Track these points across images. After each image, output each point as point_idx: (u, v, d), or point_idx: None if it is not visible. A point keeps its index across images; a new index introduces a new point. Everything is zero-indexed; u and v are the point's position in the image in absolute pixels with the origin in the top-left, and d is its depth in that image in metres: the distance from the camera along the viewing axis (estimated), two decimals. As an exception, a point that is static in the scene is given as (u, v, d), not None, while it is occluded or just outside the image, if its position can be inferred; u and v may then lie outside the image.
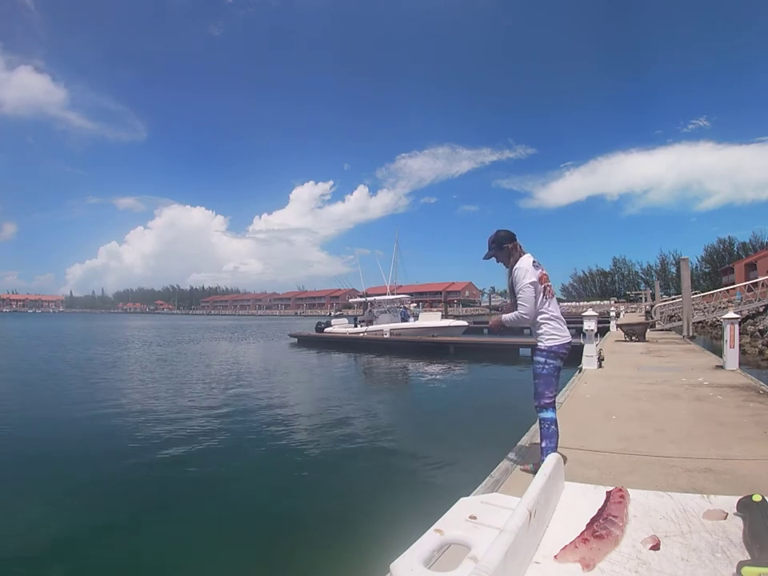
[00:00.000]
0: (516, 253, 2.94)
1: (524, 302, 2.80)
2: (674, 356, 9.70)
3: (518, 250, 2.95)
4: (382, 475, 5.10)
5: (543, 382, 2.86)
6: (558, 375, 2.92)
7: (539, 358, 2.88)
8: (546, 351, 2.85)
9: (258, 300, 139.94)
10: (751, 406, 4.69)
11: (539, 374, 2.87)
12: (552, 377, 2.87)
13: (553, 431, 2.84)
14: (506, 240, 2.97)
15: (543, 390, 2.86)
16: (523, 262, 2.87)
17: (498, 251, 2.98)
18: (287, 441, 6.48)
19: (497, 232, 3.00)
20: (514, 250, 2.95)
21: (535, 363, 2.90)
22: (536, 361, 2.90)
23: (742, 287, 21.72)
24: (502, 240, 2.97)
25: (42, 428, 7.16)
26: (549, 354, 2.84)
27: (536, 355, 2.90)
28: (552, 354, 2.84)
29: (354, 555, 3.22)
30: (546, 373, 2.86)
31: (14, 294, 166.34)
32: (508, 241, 2.97)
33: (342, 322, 27.89)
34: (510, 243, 2.96)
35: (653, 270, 78.22)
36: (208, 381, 11.97)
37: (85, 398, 9.49)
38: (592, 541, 0.73)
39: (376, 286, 38.92)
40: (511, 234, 3.00)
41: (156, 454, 5.77)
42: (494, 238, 2.99)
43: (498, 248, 2.98)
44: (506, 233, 3.00)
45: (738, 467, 2.92)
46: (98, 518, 4.08)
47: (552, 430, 2.84)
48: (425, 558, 0.69)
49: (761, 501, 0.77)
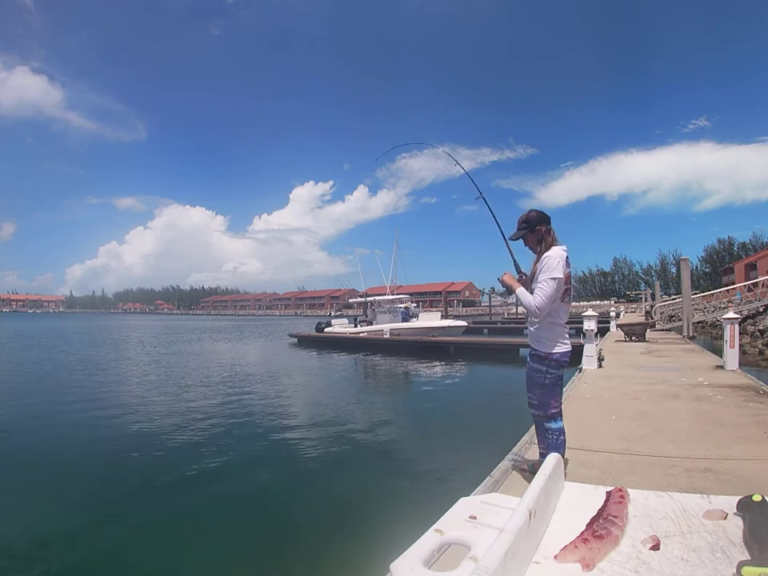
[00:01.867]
0: (549, 238, 2.59)
1: (543, 296, 2.46)
2: (673, 356, 9.70)
3: (551, 235, 2.61)
4: (382, 475, 5.10)
5: (548, 392, 2.63)
6: (561, 383, 2.73)
7: (540, 367, 2.62)
8: (549, 359, 2.59)
9: (258, 300, 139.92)
10: (751, 405, 4.69)
11: (542, 384, 2.62)
12: (556, 386, 2.67)
13: (561, 441, 2.67)
14: (539, 222, 2.61)
15: (549, 401, 2.63)
16: (558, 252, 2.53)
17: (528, 233, 2.62)
18: (287, 440, 6.47)
19: (529, 211, 2.66)
20: (547, 235, 2.59)
21: (535, 372, 2.64)
22: (536, 369, 2.63)
23: (742, 287, 21.75)
24: (535, 221, 2.61)
25: (42, 428, 7.16)
26: (551, 362, 2.60)
27: (536, 362, 2.63)
28: (554, 362, 2.60)
29: (354, 555, 3.22)
30: (549, 383, 2.62)
31: (14, 294, 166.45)
32: (542, 223, 2.61)
33: (343, 322, 27.88)
34: (543, 226, 2.60)
35: (653, 270, 78.29)
36: (208, 381, 11.95)
37: (85, 400, 9.49)
38: (592, 541, 0.73)
39: (376, 286, 38.95)
40: (546, 215, 2.65)
41: (156, 454, 5.77)
42: (525, 218, 2.64)
43: (529, 229, 2.61)
44: (539, 213, 2.64)
45: (737, 467, 2.92)
46: (97, 518, 4.08)
47: (561, 440, 2.67)
48: (425, 557, 0.69)
49: (761, 501, 0.77)
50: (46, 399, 9.45)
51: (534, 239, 2.62)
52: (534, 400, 2.67)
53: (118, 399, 9.45)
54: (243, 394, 10.02)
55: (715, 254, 70.32)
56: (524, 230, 2.64)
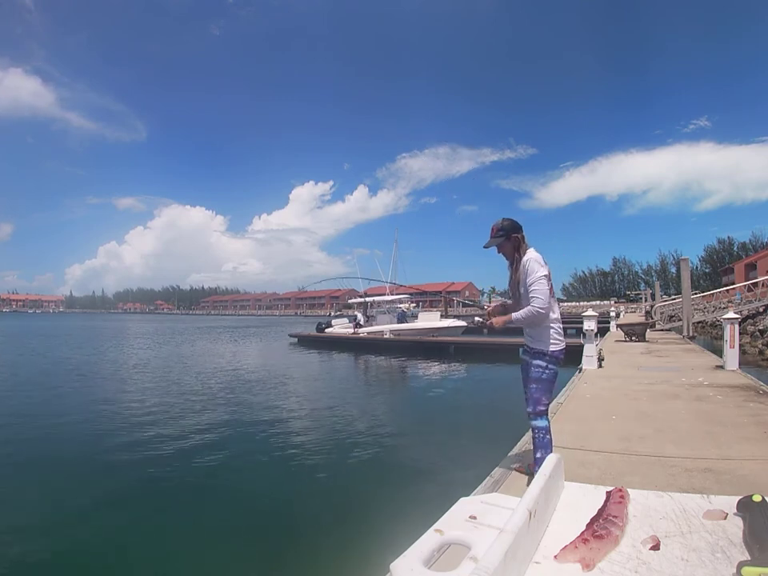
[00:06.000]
0: (524, 245, 2.73)
1: (540, 295, 2.57)
2: (673, 356, 9.70)
3: (525, 242, 2.75)
4: (382, 475, 5.10)
5: (542, 387, 2.71)
6: (555, 381, 2.80)
7: (540, 362, 2.69)
8: (549, 356, 2.68)
9: (258, 300, 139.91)
10: (751, 405, 4.69)
11: (538, 379, 2.70)
12: (551, 383, 2.74)
13: (548, 440, 2.73)
14: (515, 229, 2.74)
15: (540, 396, 2.70)
16: (535, 254, 2.68)
17: (505, 240, 2.74)
18: (287, 440, 6.47)
19: (503, 220, 2.76)
20: (522, 242, 2.74)
21: (534, 367, 2.71)
22: (536, 365, 2.71)
23: (742, 287, 21.75)
24: (511, 229, 2.73)
25: (38, 429, 7.16)
26: (551, 358, 2.69)
27: (537, 358, 2.71)
28: (554, 359, 2.69)
29: (354, 555, 3.22)
30: (546, 378, 2.70)
31: (14, 294, 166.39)
32: (517, 231, 2.74)
33: (343, 322, 27.87)
34: (518, 234, 2.74)
35: (653, 270, 78.29)
36: (208, 381, 11.95)
37: (85, 400, 9.49)
38: (592, 541, 0.73)
39: (375, 287, 38.93)
40: (519, 224, 2.77)
41: (156, 453, 5.76)
42: (500, 226, 2.74)
43: (505, 237, 2.73)
44: (513, 222, 2.77)
45: (737, 467, 2.92)
46: (97, 518, 4.08)
47: (547, 439, 2.73)
48: (425, 557, 0.69)
49: (761, 501, 0.77)
50: (44, 400, 9.45)
51: (510, 246, 2.75)
52: (527, 394, 2.76)
53: (117, 398, 9.45)
54: (243, 394, 10.02)
55: (715, 254, 70.34)
56: (501, 238, 2.74)
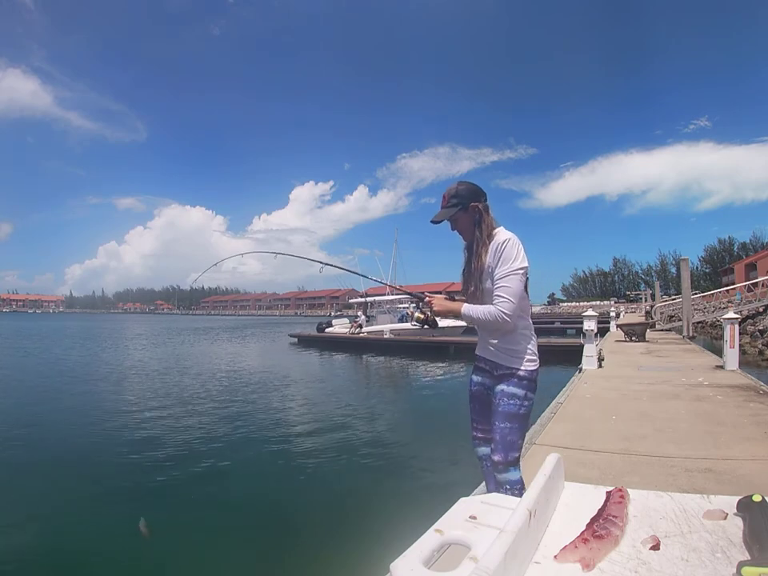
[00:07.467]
0: (488, 218, 1.88)
1: (510, 296, 1.74)
2: (673, 356, 9.70)
3: (489, 214, 1.89)
4: (382, 475, 5.10)
5: (518, 426, 1.83)
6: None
7: (515, 390, 1.82)
8: (528, 380, 1.84)
9: (258, 300, 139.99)
10: (751, 405, 4.69)
11: (514, 415, 1.81)
12: (528, 417, 1.91)
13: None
14: (474, 196, 1.89)
15: (516, 439, 1.83)
16: (513, 236, 1.83)
17: (460, 211, 1.89)
18: (287, 440, 6.47)
19: (458, 183, 1.93)
20: (485, 214, 1.88)
21: (506, 397, 1.82)
22: (508, 394, 1.82)
23: (742, 287, 21.77)
24: (468, 195, 1.89)
25: (36, 431, 7.16)
26: (530, 383, 1.85)
27: (507, 383, 1.83)
28: (533, 383, 1.86)
29: (354, 555, 3.22)
30: (524, 413, 1.84)
31: (14, 294, 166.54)
32: (476, 198, 1.89)
33: (343, 322, 27.89)
34: (478, 202, 1.89)
35: (653, 270, 78.21)
36: (208, 381, 11.96)
37: (85, 400, 9.49)
38: (592, 541, 0.73)
39: (375, 287, 38.96)
40: (481, 189, 1.93)
41: (156, 454, 5.76)
42: (454, 192, 1.90)
43: (461, 206, 1.88)
44: (473, 186, 1.93)
45: (737, 467, 2.92)
46: (97, 517, 4.08)
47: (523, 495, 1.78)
48: (425, 557, 0.69)
49: (761, 501, 0.77)
50: (44, 401, 9.45)
51: (468, 220, 1.90)
52: (496, 435, 1.83)
53: (116, 399, 9.45)
54: (243, 394, 10.02)
55: (715, 254, 70.28)
56: (454, 208, 1.89)
